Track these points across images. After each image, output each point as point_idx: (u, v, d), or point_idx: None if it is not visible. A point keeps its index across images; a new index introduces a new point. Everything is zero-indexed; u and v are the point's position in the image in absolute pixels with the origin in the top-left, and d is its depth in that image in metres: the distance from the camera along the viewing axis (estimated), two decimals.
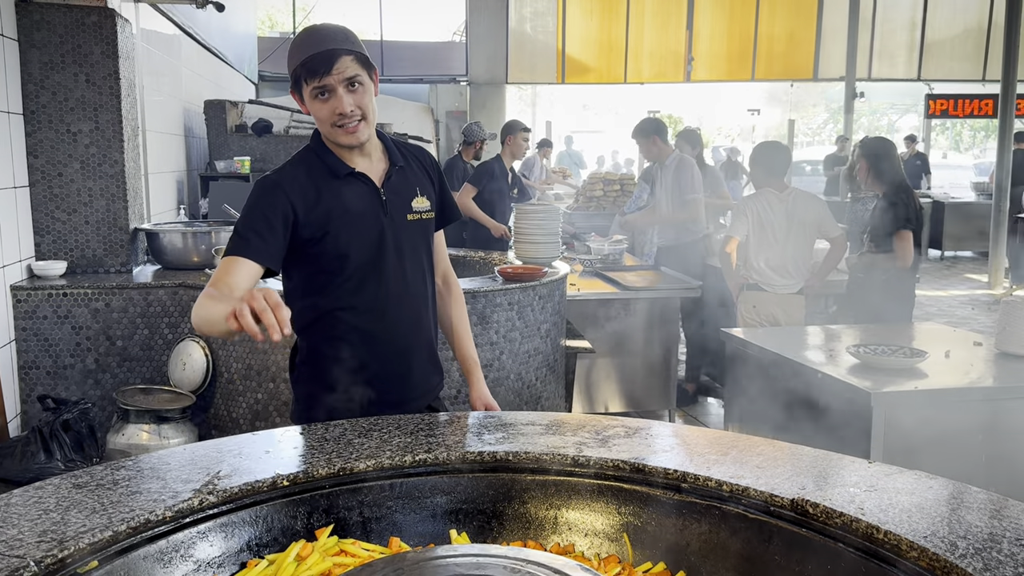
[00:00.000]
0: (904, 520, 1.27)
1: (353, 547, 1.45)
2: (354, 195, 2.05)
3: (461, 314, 2.35)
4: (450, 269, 2.36)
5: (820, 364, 3.18)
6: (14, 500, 1.36)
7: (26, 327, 3.95)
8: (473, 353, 2.33)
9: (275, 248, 1.97)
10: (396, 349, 2.13)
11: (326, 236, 2.01)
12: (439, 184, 2.23)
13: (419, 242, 2.15)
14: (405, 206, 2.11)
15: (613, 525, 1.53)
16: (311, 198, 2.00)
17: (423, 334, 2.19)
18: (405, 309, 2.13)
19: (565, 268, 4.45)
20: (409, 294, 2.13)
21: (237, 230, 1.99)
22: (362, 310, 2.08)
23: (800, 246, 4.54)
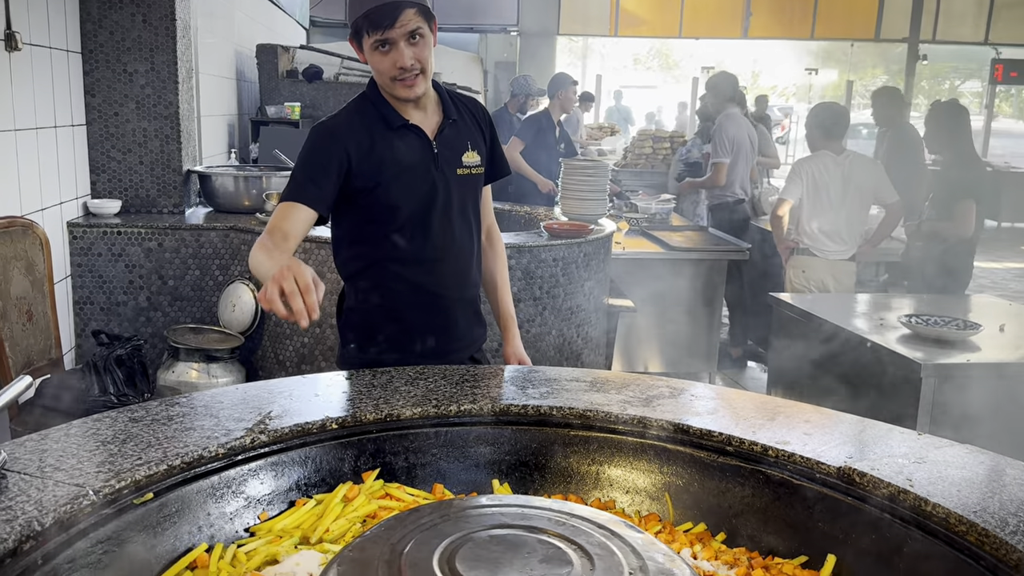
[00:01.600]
0: (953, 494, 1.25)
1: (398, 491, 1.47)
2: (407, 147, 2.05)
3: (502, 269, 2.36)
4: (494, 224, 2.36)
5: (869, 333, 3.12)
6: (73, 431, 1.41)
7: (81, 263, 4.05)
8: (511, 308, 2.34)
9: (329, 195, 1.99)
10: (441, 301, 2.14)
11: (377, 187, 2.02)
12: (491, 139, 2.21)
13: (468, 197, 2.15)
14: (456, 160, 2.11)
15: (655, 484, 1.54)
16: (365, 147, 2.01)
17: (468, 288, 2.20)
18: (451, 262, 2.14)
19: (611, 226, 4.41)
20: (456, 248, 2.13)
21: (293, 175, 2.01)
22: (409, 262, 2.09)
23: (855, 211, 4.44)
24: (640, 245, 5.12)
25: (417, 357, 2.00)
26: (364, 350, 2.13)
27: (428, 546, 0.99)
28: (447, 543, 1.00)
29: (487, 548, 1.00)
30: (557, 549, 1.00)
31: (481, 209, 2.23)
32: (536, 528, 1.05)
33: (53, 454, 1.29)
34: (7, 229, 3.08)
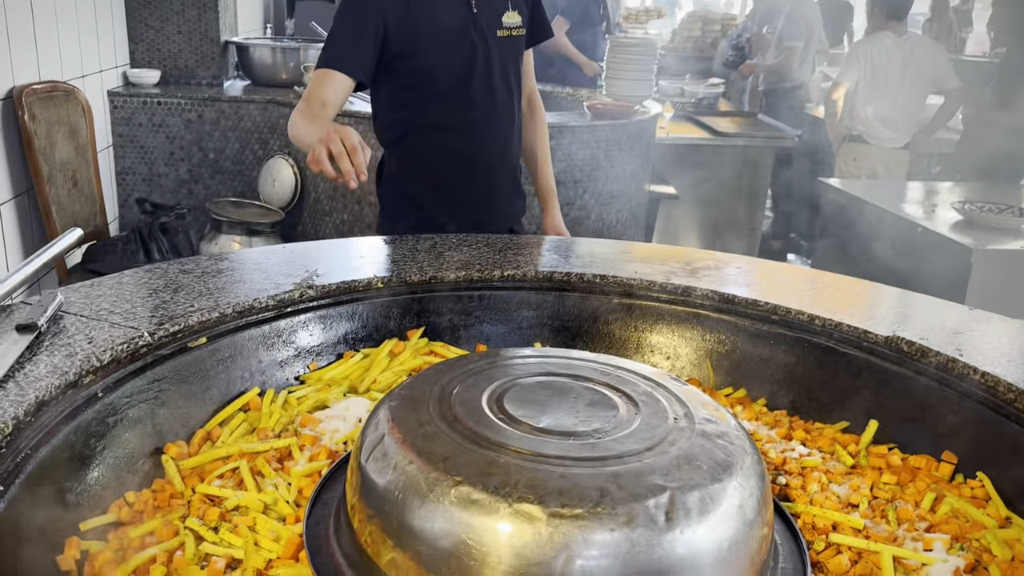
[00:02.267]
0: (1003, 364, 1.24)
1: (442, 349, 1.50)
2: (444, 8, 1.97)
3: (543, 140, 2.30)
4: (536, 92, 2.28)
5: (920, 218, 3.05)
6: (126, 279, 1.43)
7: (123, 133, 4.06)
8: (551, 181, 2.30)
9: (367, 61, 1.94)
10: (481, 169, 2.11)
11: (415, 51, 1.96)
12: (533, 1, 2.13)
13: (508, 60, 2.07)
14: (496, 21, 2.02)
15: (697, 351, 1.54)
16: (400, 9, 1.93)
17: (508, 156, 2.16)
18: (492, 129, 2.09)
19: (656, 108, 4.29)
20: (496, 114, 2.08)
21: (329, 41, 1.95)
22: (448, 128, 2.05)
23: (913, 97, 4.26)
24: (685, 130, 4.99)
25: (456, 227, 1.99)
26: (401, 219, 2.12)
27: (477, 388, 1.01)
28: (495, 386, 1.02)
29: (534, 392, 1.01)
30: (603, 395, 1.01)
31: (523, 75, 2.16)
32: (582, 377, 1.06)
33: (107, 299, 1.32)
34: (50, 93, 3.07)
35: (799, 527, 1.04)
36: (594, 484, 0.83)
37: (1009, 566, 1.00)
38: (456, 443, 0.89)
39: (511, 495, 0.81)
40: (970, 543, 1.04)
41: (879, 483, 1.16)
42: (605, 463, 0.87)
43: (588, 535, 0.79)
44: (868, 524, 1.06)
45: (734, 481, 0.87)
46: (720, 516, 0.84)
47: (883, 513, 1.09)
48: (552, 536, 0.79)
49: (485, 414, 0.95)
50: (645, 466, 0.87)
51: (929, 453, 1.23)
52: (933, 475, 1.19)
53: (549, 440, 0.90)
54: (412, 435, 0.90)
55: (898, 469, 1.20)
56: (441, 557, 0.81)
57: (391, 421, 0.93)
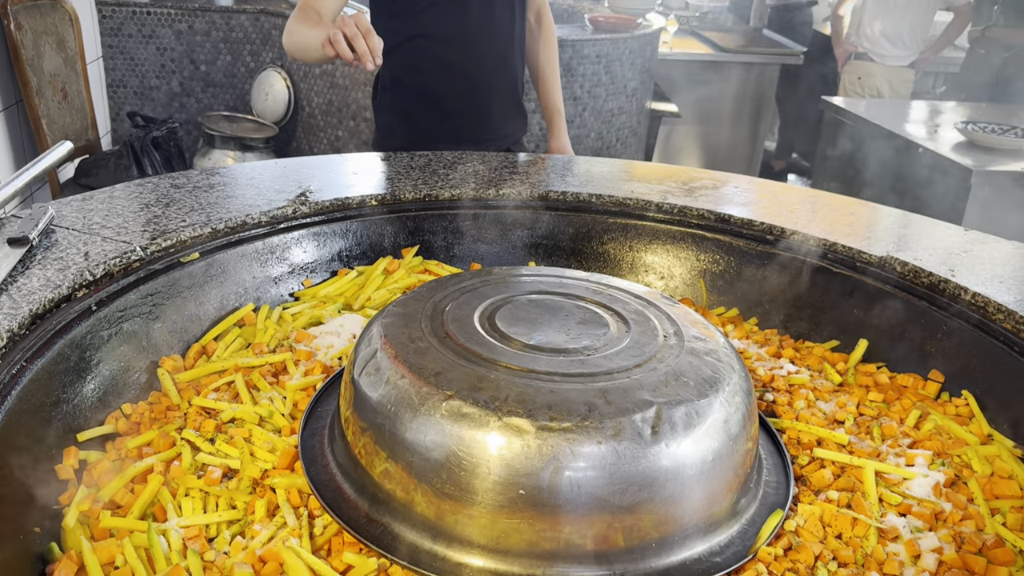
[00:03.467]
0: (995, 285, 1.24)
1: (436, 267, 1.50)
2: None
3: (551, 56, 2.22)
4: (545, 5, 2.20)
5: (922, 139, 3.01)
6: (117, 193, 1.42)
7: (112, 44, 3.96)
8: (558, 100, 2.23)
9: None
10: (477, 85, 2.04)
11: None
12: None
13: None
14: None
15: (691, 270, 1.54)
16: None
17: (508, 72, 2.08)
18: (490, 42, 2.01)
19: (660, 22, 4.19)
20: (495, 26, 2.00)
21: None
22: (444, 39, 1.97)
23: (920, 13, 4.15)
24: (689, 46, 4.88)
25: (450, 144, 1.95)
26: (396, 133, 2.07)
27: (469, 305, 1.01)
28: (488, 303, 1.02)
29: (526, 309, 1.02)
30: (594, 314, 1.02)
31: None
32: (574, 295, 1.06)
33: (99, 213, 1.31)
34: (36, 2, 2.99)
35: (784, 442, 1.06)
36: (582, 399, 0.84)
37: (988, 481, 1.03)
38: (447, 359, 0.90)
39: (501, 409, 0.82)
40: (951, 459, 1.06)
41: (865, 401, 1.18)
42: (594, 379, 0.88)
43: (575, 447, 0.80)
44: (852, 440, 1.08)
45: (720, 397, 0.89)
46: (705, 430, 0.86)
47: (868, 429, 1.12)
48: (540, 448, 0.80)
49: (477, 331, 0.96)
50: (633, 382, 0.88)
51: (917, 372, 1.25)
52: (919, 393, 1.21)
53: (540, 356, 0.92)
54: (404, 351, 0.91)
55: (885, 387, 1.22)
56: (432, 468, 0.83)
57: (384, 337, 0.94)
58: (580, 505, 0.81)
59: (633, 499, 0.82)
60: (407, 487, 0.85)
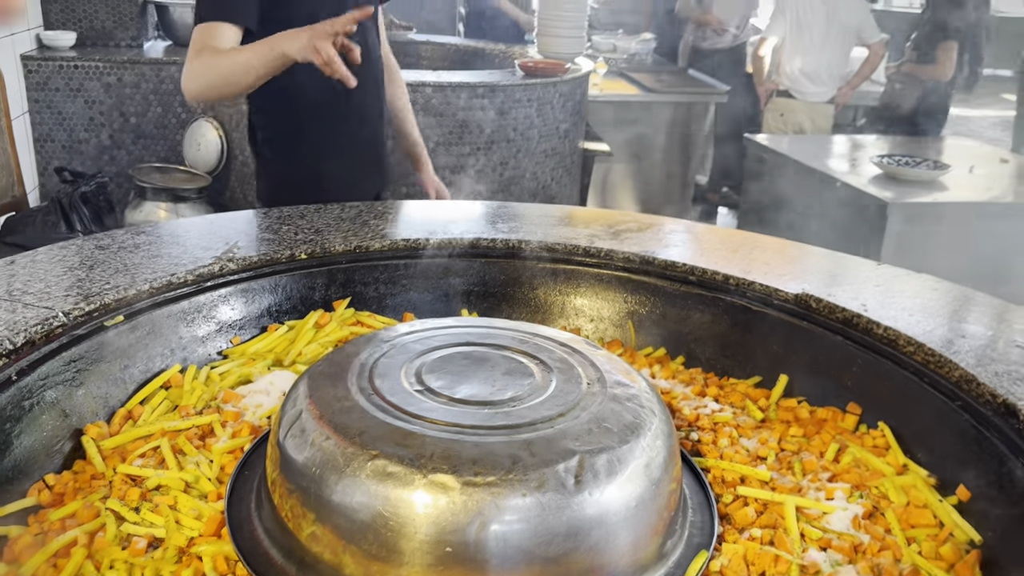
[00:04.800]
0: (905, 318, 1.30)
1: (369, 319, 1.50)
2: None
3: (404, 96, 2.25)
4: (390, 52, 2.22)
5: (841, 173, 3.14)
6: (40, 257, 1.40)
7: (39, 99, 3.90)
8: (419, 136, 2.26)
9: (253, 5, 1.84)
10: (351, 129, 2.03)
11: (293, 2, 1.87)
12: None
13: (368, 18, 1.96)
14: None
15: (619, 312, 1.58)
16: None
17: (376, 114, 2.09)
18: (370, 79, 2.01)
19: (589, 65, 4.29)
20: (371, 63, 2.00)
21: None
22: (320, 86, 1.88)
23: (837, 51, 4.34)
24: (618, 87, 5.00)
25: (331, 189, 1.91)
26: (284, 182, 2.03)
27: (396, 360, 1.02)
28: (415, 357, 1.03)
29: (453, 362, 1.03)
30: (519, 363, 1.04)
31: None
32: (500, 346, 1.08)
33: (20, 279, 1.29)
34: None
35: (708, 481, 1.09)
36: (507, 452, 0.86)
37: (904, 511, 1.07)
38: (373, 417, 0.90)
39: (426, 466, 0.83)
40: (869, 491, 1.10)
41: (787, 436, 1.22)
42: (519, 430, 0.89)
43: (500, 501, 0.82)
44: (774, 476, 1.11)
45: (642, 442, 0.91)
46: (628, 476, 0.88)
47: (789, 465, 1.15)
48: (466, 504, 0.81)
49: (403, 386, 0.97)
50: (557, 431, 0.90)
51: (836, 405, 1.29)
52: (838, 426, 1.25)
53: (466, 410, 0.93)
54: (329, 410, 0.91)
55: (805, 422, 1.26)
56: (359, 529, 0.84)
57: (309, 397, 0.94)
58: (508, 559, 0.82)
59: (560, 549, 0.83)
60: (335, 549, 0.85)
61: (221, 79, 1.77)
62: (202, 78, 1.78)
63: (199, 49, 1.80)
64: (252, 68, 1.72)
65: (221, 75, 1.76)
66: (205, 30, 1.82)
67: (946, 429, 1.15)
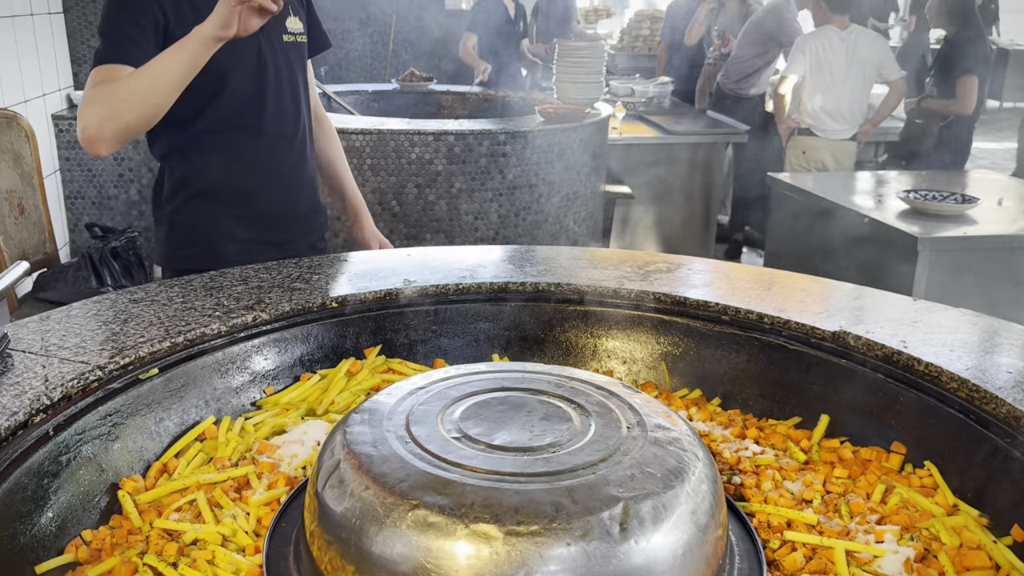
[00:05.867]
0: (946, 354, 1.28)
1: (400, 366, 1.50)
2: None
3: (338, 150, 2.18)
4: (319, 103, 2.16)
5: (868, 209, 3.11)
6: (74, 312, 1.41)
7: (70, 157, 3.99)
8: (357, 191, 2.19)
9: (152, 51, 1.71)
10: (281, 184, 1.97)
11: None
12: (308, 6, 2.04)
13: (296, 67, 1.97)
14: (280, 27, 1.91)
15: (652, 354, 1.56)
16: (183, 6, 1.77)
17: (308, 165, 2.03)
18: (289, 136, 1.95)
19: (607, 110, 4.33)
20: (292, 120, 1.95)
21: (107, 35, 1.75)
22: (244, 137, 1.89)
23: (858, 89, 4.35)
24: (637, 130, 5.03)
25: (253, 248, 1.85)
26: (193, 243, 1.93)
27: (432, 407, 1.01)
28: (451, 403, 1.02)
29: (490, 408, 1.02)
30: (557, 408, 1.03)
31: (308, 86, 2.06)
32: (536, 390, 1.07)
33: (56, 334, 1.30)
34: None
35: (754, 526, 1.06)
36: (549, 499, 0.84)
37: (957, 553, 1.03)
38: (412, 465, 0.89)
39: (467, 516, 0.82)
40: (919, 532, 1.07)
41: (831, 477, 1.19)
42: (560, 477, 0.88)
43: (545, 551, 0.80)
44: (821, 519, 1.08)
45: (686, 487, 0.89)
46: (674, 523, 0.86)
47: (835, 507, 1.12)
48: (509, 554, 0.80)
49: (440, 433, 0.96)
50: (599, 478, 0.88)
51: (879, 445, 1.26)
52: (883, 467, 1.22)
53: (505, 457, 0.91)
54: (367, 460, 0.90)
55: (849, 463, 1.23)
56: None
57: (346, 447, 0.93)
58: None
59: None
60: None
61: (127, 99, 1.65)
62: (103, 104, 1.65)
63: (100, 80, 1.69)
64: (169, 70, 1.63)
65: (128, 93, 1.65)
66: (101, 72, 1.71)
67: (996, 466, 1.12)
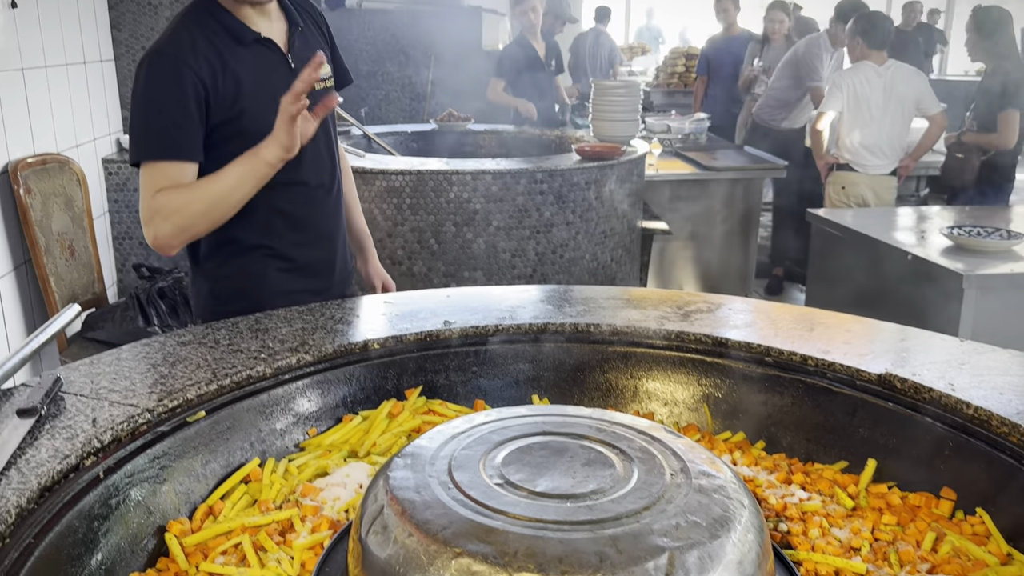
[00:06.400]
0: (995, 397, 1.25)
1: (441, 407, 1.50)
2: (264, 65, 1.82)
3: (351, 186, 2.20)
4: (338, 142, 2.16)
5: (910, 246, 3.07)
6: (124, 355, 1.45)
7: (118, 199, 4.10)
8: (365, 227, 2.21)
9: (199, 136, 1.73)
10: (322, 233, 1.99)
11: (243, 115, 1.77)
12: (332, 44, 2.05)
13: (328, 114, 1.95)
14: None
15: (693, 395, 1.55)
16: (218, 71, 1.74)
17: (343, 215, 2.05)
18: (327, 186, 1.97)
19: (644, 147, 4.34)
20: (328, 169, 1.97)
21: (148, 126, 1.72)
22: (285, 191, 1.87)
23: (897, 124, 4.32)
24: (674, 166, 5.04)
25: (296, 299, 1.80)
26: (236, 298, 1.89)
27: (474, 451, 1.02)
28: (492, 448, 1.03)
29: (531, 453, 1.02)
30: (599, 453, 1.02)
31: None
32: (578, 435, 1.07)
33: (106, 377, 1.33)
34: (44, 166, 3.12)
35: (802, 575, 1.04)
36: (593, 548, 0.83)
37: None
38: (455, 512, 0.89)
39: (511, 564, 0.81)
40: None
41: (880, 524, 1.17)
42: (603, 526, 0.87)
43: None
44: (871, 568, 1.06)
45: (733, 536, 0.88)
46: (720, 573, 0.85)
47: (885, 556, 1.10)
48: None
49: (483, 480, 0.96)
50: (643, 527, 0.87)
51: (928, 490, 1.24)
52: (933, 513, 1.19)
53: (547, 504, 0.91)
54: (411, 506, 0.91)
55: (898, 509, 1.20)
56: None
57: (389, 492, 0.94)
58: None
59: None
60: None
61: (203, 213, 1.70)
62: (173, 219, 1.69)
63: (156, 191, 1.69)
64: (237, 188, 1.69)
65: (204, 208, 1.69)
66: (156, 170, 1.70)
67: None
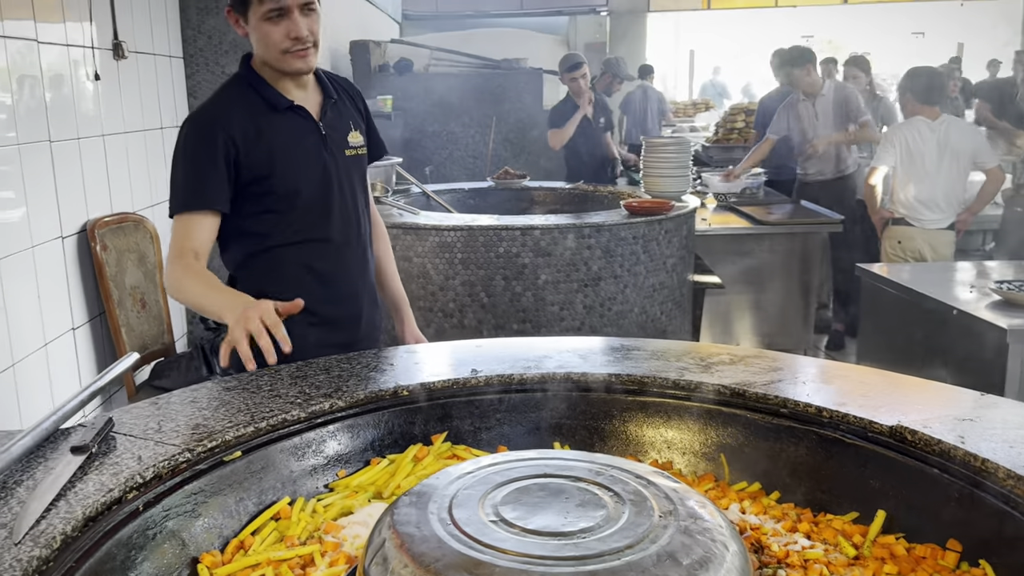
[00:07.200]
0: (1005, 450, 1.26)
1: (464, 452, 1.57)
2: (296, 130, 1.98)
3: (387, 248, 2.30)
4: (373, 203, 2.27)
5: (957, 300, 3.03)
6: (173, 399, 1.57)
7: None
8: (401, 289, 2.30)
9: (226, 190, 1.90)
10: (348, 289, 2.10)
11: (272, 174, 1.94)
12: (367, 118, 2.20)
13: (356, 178, 2.11)
14: (343, 141, 2.07)
15: (710, 445, 1.58)
16: (251, 134, 1.92)
17: (369, 272, 2.16)
18: (353, 244, 2.09)
19: (695, 202, 4.39)
20: (355, 228, 2.09)
21: (181, 180, 1.90)
22: (312, 248, 2.02)
23: (952, 178, 4.27)
24: (728, 220, 5.07)
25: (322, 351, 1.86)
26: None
27: (476, 491, 1.08)
28: (493, 489, 1.09)
29: (530, 493, 1.08)
30: (594, 495, 1.07)
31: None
32: (576, 477, 1.12)
33: (155, 419, 1.45)
34: (120, 224, 3.34)
35: None
36: None
37: None
38: (448, 546, 0.96)
39: None
40: None
41: (880, 573, 1.18)
42: (585, 562, 0.92)
43: None
44: None
45: None
46: None
47: None
48: None
49: (479, 517, 1.02)
50: (624, 564, 0.92)
51: (936, 541, 1.24)
52: (938, 564, 1.20)
53: (536, 541, 0.97)
54: (409, 539, 0.98)
55: (901, 559, 1.21)
56: None
57: (392, 527, 1.01)
58: None
59: None
60: None
61: (190, 303, 1.90)
62: (172, 289, 1.91)
63: (179, 251, 1.88)
64: (210, 314, 1.85)
65: (189, 300, 1.89)
66: (182, 225, 1.89)
67: None
